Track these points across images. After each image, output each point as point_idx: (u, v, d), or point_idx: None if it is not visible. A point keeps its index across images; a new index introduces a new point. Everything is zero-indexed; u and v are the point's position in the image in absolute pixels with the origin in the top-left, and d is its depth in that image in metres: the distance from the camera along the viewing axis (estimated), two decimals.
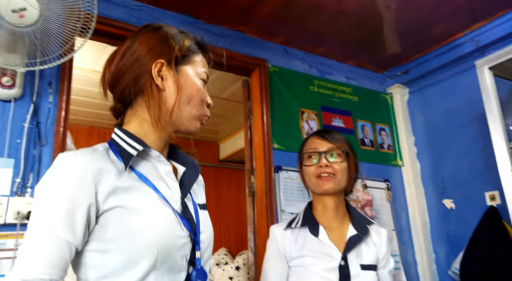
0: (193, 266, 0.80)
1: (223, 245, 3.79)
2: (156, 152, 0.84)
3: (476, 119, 2.44)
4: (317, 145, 1.33)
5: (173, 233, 0.77)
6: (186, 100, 0.86)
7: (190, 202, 0.87)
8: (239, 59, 2.29)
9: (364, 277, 1.23)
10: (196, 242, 0.81)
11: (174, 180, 0.85)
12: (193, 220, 0.83)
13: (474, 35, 2.44)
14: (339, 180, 1.29)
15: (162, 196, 0.80)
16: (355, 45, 2.58)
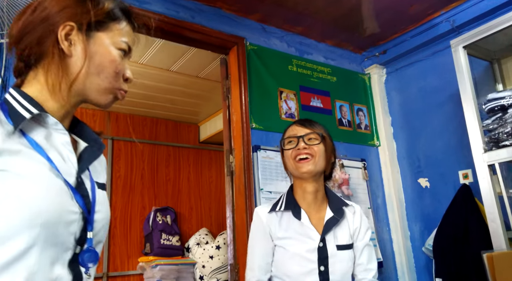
0: (82, 246, 0.74)
1: (204, 225, 3.80)
2: (53, 119, 0.76)
3: (451, 99, 2.49)
4: (296, 131, 1.42)
5: (62, 207, 0.70)
6: (96, 71, 0.79)
7: (88, 179, 0.80)
8: (216, 36, 2.25)
9: (340, 256, 1.33)
10: (89, 221, 0.75)
11: (71, 152, 0.78)
12: (88, 198, 0.77)
13: (450, 15, 2.46)
14: (316, 162, 1.36)
15: (55, 166, 0.73)
16: (334, 24, 2.58)
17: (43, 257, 0.67)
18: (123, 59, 0.83)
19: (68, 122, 0.83)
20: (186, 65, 2.88)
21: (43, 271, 0.68)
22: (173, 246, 3.39)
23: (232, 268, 2.12)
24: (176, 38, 2.20)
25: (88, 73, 0.78)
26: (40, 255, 0.67)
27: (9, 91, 0.77)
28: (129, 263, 3.37)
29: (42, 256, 0.67)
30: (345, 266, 1.33)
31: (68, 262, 0.72)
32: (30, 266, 0.66)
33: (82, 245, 0.74)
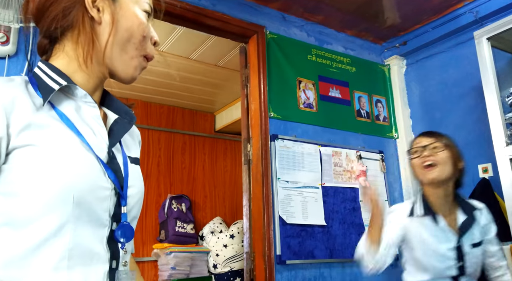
0: (118, 222, 0.72)
1: (218, 214, 3.83)
2: (82, 91, 0.74)
3: (472, 92, 2.45)
4: (421, 141, 1.59)
5: (95, 183, 0.69)
6: (126, 36, 0.75)
7: (120, 154, 0.78)
8: (236, 24, 2.25)
9: (474, 253, 1.53)
10: (122, 197, 0.73)
11: (102, 126, 0.75)
12: (121, 173, 0.75)
13: (473, 6, 2.41)
14: (442, 169, 1.51)
15: (85, 140, 0.70)
16: (354, 14, 2.55)
17: (78, 233, 0.66)
18: (148, 21, 0.79)
19: (98, 95, 0.81)
20: (205, 53, 2.88)
21: (79, 247, 0.67)
22: (188, 234, 3.42)
23: (248, 256, 2.14)
24: (197, 26, 2.20)
25: (117, 39, 0.75)
26: (75, 232, 0.66)
27: (38, 64, 0.75)
28: (143, 250, 3.42)
29: (77, 232, 0.66)
30: (479, 261, 1.55)
31: (106, 239, 0.70)
32: (66, 243, 0.65)
33: (117, 221, 0.73)
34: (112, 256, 0.71)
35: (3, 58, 1.47)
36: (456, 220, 1.57)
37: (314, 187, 2.30)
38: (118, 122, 0.80)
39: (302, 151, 2.33)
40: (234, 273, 3.31)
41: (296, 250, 2.13)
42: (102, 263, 0.69)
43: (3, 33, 1.45)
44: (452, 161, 1.54)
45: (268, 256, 2.05)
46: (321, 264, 2.22)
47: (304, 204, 2.23)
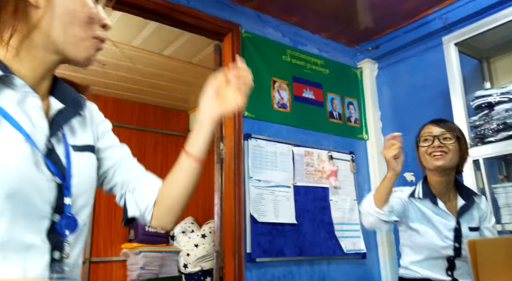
0: (61, 213, 0.71)
1: (190, 214, 3.79)
2: (20, 81, 0.71)
3: (440, 96, 2.52)
4: (432, 130, 1.63)
5: (31, 175, 0.67)
6: (68, 19, 0.72)
7: (61, 143, 0.75)
8: (211, 22, 2.24)
9: (471, 237, 1.59)
10: (65, 187, 0.72)
11: (42, 116, 0.73)
12: (61, 163, 0.73)
13: (443, 13, 2.49)
14: (450, 158, 1.58)
15: (23, 132, 0.68)
16: (329, 16, 2.58)
17: (14, 226, 0.65)
18: (96, 3, 0.77)
19: (47, 84, 0.78)
20: (179, 50, 2.85)
21: (15, 241, 0.65)
22: (158, 234, 3.37)
23: (218, 255, 2.13)
24: (171, 22, 2.17)
25: (61, 22, 0.72)
26: (10, 225, 0.64)
27: None
28: (112, 249, 3.34)
29: (12, 225, 0.65)
30: None
31: (46, 231, 0.69)
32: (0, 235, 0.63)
33: (60, 212, 0.71)
34: (54, 248, 0.70)
35: None
36: (456, 205, 1.66)
37: (286, 186, 2.31)
38: (62, 112, 0.77)
39: (275, 150, 2.33)
40: (204, 272, 3.28)
41: (266, 248, 2.13)
42: (41, 254, 0.68)
43: None
44: (460, 153, 1.62)
45: (238, 254, 2.04)
46: (291, 262, 2.23)
47: (275, 203, 2.24)
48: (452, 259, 1.61)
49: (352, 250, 2.49)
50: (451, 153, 1.59)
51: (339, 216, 2.49)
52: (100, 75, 3.14)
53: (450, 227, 1.62)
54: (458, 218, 1.63)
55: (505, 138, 1.89)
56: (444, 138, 1.60)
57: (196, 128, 0.89)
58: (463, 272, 1.62)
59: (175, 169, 0.89)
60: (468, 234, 1.61)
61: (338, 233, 2.45)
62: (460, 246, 1.60)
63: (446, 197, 1.68)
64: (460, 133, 1.66)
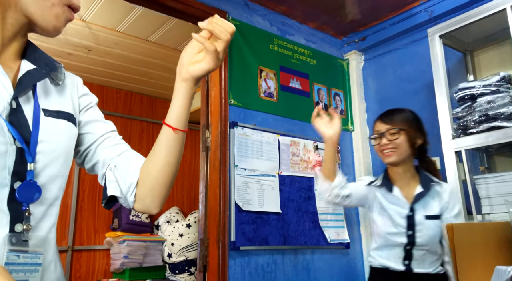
0: (22, 180, 0.66)
1: (175, 204, 3.78)
2: None
3: (425, 88, 2.56)
4: (379, 128, 1.69)
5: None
6: None
7: (30, 105, 0.71)
8: (198, 8, 2.21)
9: (427, 225, 1.59)
10: (27, 153, 0.67)
11: (3, 74, 0.69)
12: (27, 126, 0.68)
13: (429, 5, 2.51)
14: (400, 153, 1.63)
15: None
16: (316, 6, 2.58)
17: None
18: None
19: (17, 46, 0.74)
20: (165, 36, 2.81)
21: None
22: (142, 223, 3.35)
23: (202, 243, 2.13)
24: (157, 7, 2.14)
25: None
26: None
27: None
28: (95, 238, 3.31)
29: None
30: (432, 233, 1.58)
31: (6, 200, 0.65)
32: None
33: (22, 179, 0.66)
34: (15, 219, 0.66)
35: None
36: (414, 192, 1.66)
37: (271, 176, 2.32)
38: (31, 73, 0.73)
39: (261, 139, 2.33)
40: (189, 262, 3.28)
41: (251, 237, 2.14)
42: (1, 226, 0.64)
43: None
44: (409, 143, 1.64)
45: (222, 242, 2.05)
46: (274, 251, 2.25)
47: (260, 191, 2.24)
48: (409, 248, 1.60)
49: (336, 240, 2.51)
50: (399, 147, 1.63)
51: (324, 206, 2.51)
52: (85, 61, 3.08)
53: (403, 214, 1.63)
54: (412, 205, 1.63)
55: (486, 129, 1.93)
56: (390, 134, 1.64)
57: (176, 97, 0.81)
58: (422, 262, 1.60)
59: (156, 145, 0.83)
60: (423, 222, 1.60)
61: (322, 223, 2.47)
62: (414, 234, 1.59)
63: (404, 185, 1.69)
64: (406, 123, 1.67)
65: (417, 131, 1.68)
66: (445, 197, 1.65)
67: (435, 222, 1.60)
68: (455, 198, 1.68)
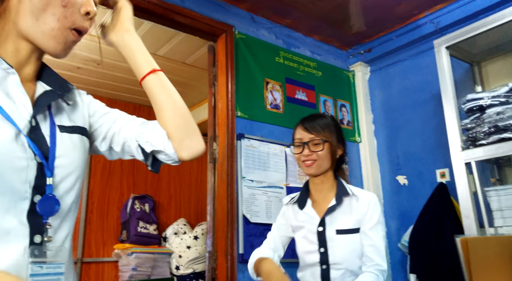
0: (42, 194, 0.69)
1: (183, 215, 3.78)
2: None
3: (432, 99, 2.55)
4: (301, 135, 1.55)
5: (7, 152, 0.65)
6: (39, 5, 0.70)
7: (47, 122, 0.75)
8: (205, 22, 2.24)
9: (339, 240, 1.45)
10: (47, 167, 0.70)
11: (23, 93, 0.72)
12: (45, 142, 0.72)
13: (435, 17, 2.52)
14: (320, 165, 1.51)
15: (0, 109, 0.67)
16: (321, 19, 2.60)
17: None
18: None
19: (31, 69, 0.77)
20: (173, 50, 2.85)
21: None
22: (150, 235, 3.36)
23: (210, 255, 2.12)
24: (165, 22, 2.18)
25: (30, 10, 0.70)
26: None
27: None
28: (104, 250, 3.32)
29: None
30: (345, 249, 1.44)
31: (26, 213, 0.67)
32: None
33: (42, 193, 0.69)
34: (35, 231, 0.68)
35: None
36: (328, 205, 1.52)
37: (278, 187, 2.31)
38: (47, 93, 0.77)
39: (268, 151, 2.34)
40: (196, 274, 3.27)
41: None
42: (21, 237, 0.66)
43: None
44: (330, 154, 1.52)
45: (231, 255, 2.04)
46: (284, 264, 2.22)
47: (268, 203, 2.24)
48: (325, 268, 1.45)
49: None
50: (320, 159, 1.50)
51: None
52: (95, 75, 3.14)
53: (314, 230, 1.50)
54: (323, 220, 1.49)
55: (496, 141, 1.90)
56: (313, 144, 1.51)
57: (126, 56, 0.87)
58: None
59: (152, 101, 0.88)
60: (334, 238, 1.45)
61: None
62: (326, 251, 1.45)
63: (321, 198, 1.56)
64: (329, 133, 1.54)
65: (339, 141, 1.57)
66: (362, 209, 1.48)
67: (348, 237, 1.45)
68: (375, 210, 1.49)
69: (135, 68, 0.86)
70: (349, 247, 1.44)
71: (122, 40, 0.86)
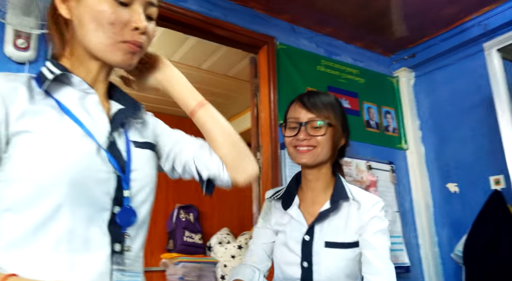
0: (121, 206, 0.73)
1: (226, 225, 3.82)
2: (77, 78, 0.77)
3: (482, 104, 2.45)
4: (297, 113, 1.21)
5: (91, 166, 0.70)
6: (94, 26, 0.75)
7: (123, 138, 0.80)
8: (247, 35, 2.29)
9: (327, 255, 1.14)
10: (124, 180, 0.74)
11: (101, 111, 0.78)
12: (121, 157, 0.76)
13: (482, 19, 2.43)
14: (318, 153, 1.18)
15: (83, 126, 0.73)
16: (363, 26, 2.58)
17: (76, 216, 0.68)
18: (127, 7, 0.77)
19: (103, 87, 0.84)
20: (216, 63, 2.93)
21: (77, 230, 0.68)
22: (196, 244, 3.42)
23: None
24: (209, 36, 2.25)
25: (88, 31, 0.75)
26: (72, 214, 0.67)
27: (45, 63, 0.80)
28: (152, 259, 3.41)
29: (74, 215, 0.67)
30: (335, 267, 1.13)
31: (107, 223, 0.71)
32: (64, 225, 0.67)
33: (120, 205, 0.73)
34: (115, 240, 0.72)
35: (23, 63, 1.52)
36: (320, 208, 1.21)
37: None
38: (122, 111, 0.83)
39: None
40: None
41: None
42: (103, 246, 0.70)
43: (23, 40, 1.50)
44: (332, 142, 1.20)
45: None
46: None
47: None
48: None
49: (395, 264, 2.39)
50: (319, 146, 1.17)
51: None
52: None
53: (298, 238, 1.18)
54: (312, 227, 1.18)
55: None
56: (313, 127, 1.18)
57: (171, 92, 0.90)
58: None
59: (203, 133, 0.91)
60: (321, 251, 1.14)
61: None
62: (310, 267, 1.13)
63: (313, 197, 1.23)
64: (334, 115, 1.21)
65: (343, 128, 1.25)
66: (364, 218, 1.17)
67: (340, 253, 1.14)
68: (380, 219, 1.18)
69: (182, 103, 0.90)
70: (338, 265, 1.13)
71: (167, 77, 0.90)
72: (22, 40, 1.49)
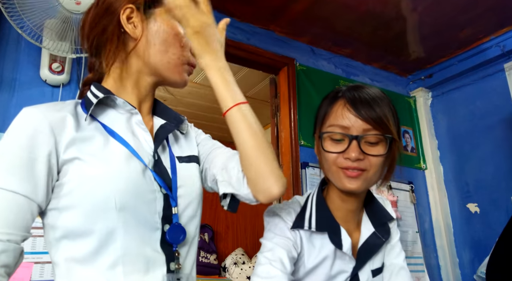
0: (170, 223, 0.73)
1: (240, 245, 3.79)
2: (120, 100, 0.77)
3: (502, 123, 2.45)
4: (349, 121, 0.87)
5: (138, 187, 0.70)
6: (164, 47, 0.79)
7: (167, 155, 0.80)
8: (269, 57, 2.34)
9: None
10: (172, 198, 0.74)
11: (145, 131, 0.79)
12: (167, 174, 0.76)
13: (500, 40, 2.46)
14: (370, 178, 0.88)
15: (129, 146, 0.73)
16: (380, 48, 2.62)
17: (129, 238, 0.68)
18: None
19: (148, 105, 0.85)
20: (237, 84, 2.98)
21: (133, 253, 0.68)
22: (211, 265, 3.39)
23: None
24: (233, 59, 2.29)
25: (160, 51, 0.78)
26: (126, 237, 0.68)
27: (90, 87, 0.80)
28: None
29: (128, 237, 0.68)
30: None
31: (159, 242, 0.72)
32: (118, 249, 0.67)
33: (169, 222, 0.73)
34: (169, 259, 0.72)
35: (58, 86, 1.56)
36: (360, 237, 0.96)
37: None
38: (164, 126, 0.83)
39: None
40: None
41: None
42: (159, 266, 0.71)
43: (59, 63, 1.54)
44: (389, 162, 0.92)
45: None
46: None
47: None
48: None
49: None
50: (372, 169, 0.87)
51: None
52: None
53: (346, 275, 0.94)
54: (362, 260, 0.94)
55: None
56: (367, 141, 0.87)
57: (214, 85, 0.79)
58: None
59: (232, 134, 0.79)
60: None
61: None
62: None
63: (353, 225, 0.97)
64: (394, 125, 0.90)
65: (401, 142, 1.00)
66: (395, 237, 1.03)
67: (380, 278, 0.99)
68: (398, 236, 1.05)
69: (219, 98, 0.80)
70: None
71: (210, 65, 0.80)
72: (57, 64, 1.54)
